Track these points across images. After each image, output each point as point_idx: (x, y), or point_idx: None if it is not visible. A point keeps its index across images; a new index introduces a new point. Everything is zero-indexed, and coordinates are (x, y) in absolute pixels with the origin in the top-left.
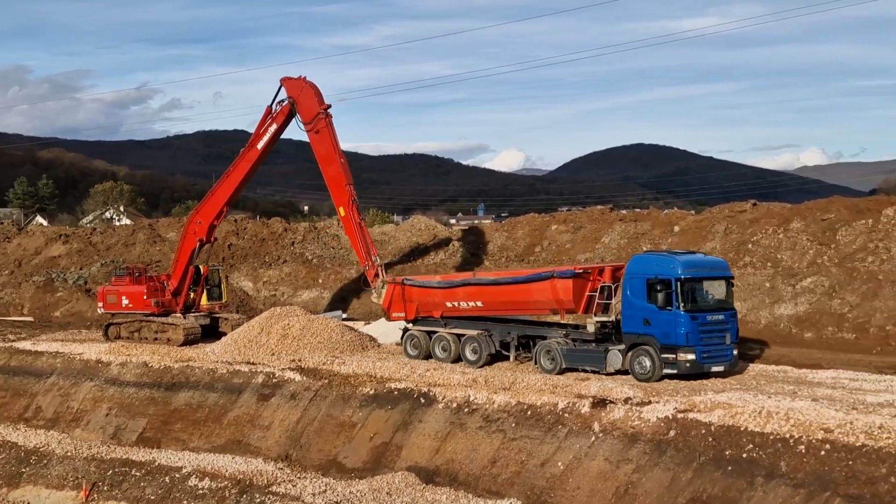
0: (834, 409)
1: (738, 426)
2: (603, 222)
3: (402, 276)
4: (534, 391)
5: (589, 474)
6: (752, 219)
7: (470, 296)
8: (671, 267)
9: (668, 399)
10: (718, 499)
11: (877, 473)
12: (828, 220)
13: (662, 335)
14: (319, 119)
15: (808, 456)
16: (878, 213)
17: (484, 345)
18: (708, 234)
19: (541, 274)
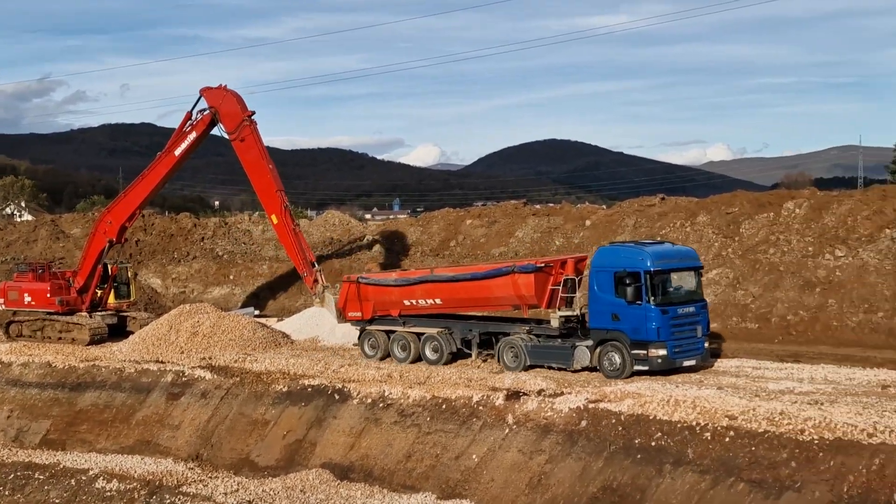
0: (738, 397)
1: (647, 415)
2: (517, 217)
3: (358, 275)
4: (449, 385)
5: (503, 466)
6: (660, 213)
7: (428, 293)
8: (640, 259)
9: (579, 390)
10: (628, 486)
11: (778, 458)
12: (732, 213)
13: (632, 330)
14: (244, 127)
15: (713, 442)
16: (779, 207)
17: (444, 343)
18: (618, 228)
19: (501, 269)
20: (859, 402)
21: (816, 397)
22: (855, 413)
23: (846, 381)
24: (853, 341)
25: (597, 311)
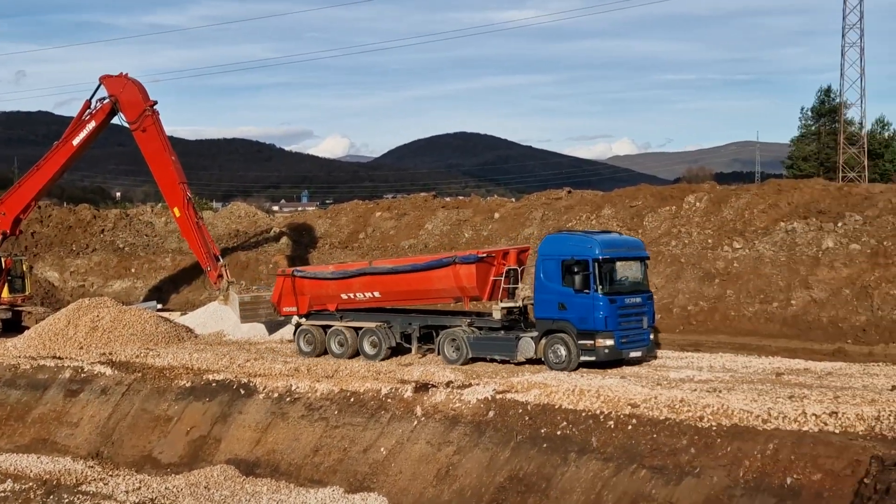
0: (640, 386)
1: (553, 404)
2: (426, 209)
3: (293, 268)
4: (357, 378)
5: (411, 458)
6: (567, 206)
7: (366, 286)
8: (588, 247)
9: (487, 381)
10: (534, 475)
11: (678, 445)
12: (636, 206)
13: (579, 320)
14: (146, 117)
15: (616, 431)
16: (680, 201)
17: (383, 338)
18: (526, 221)
19: (442, 260)
20: (755, 389)
21: (715, 385)
22: (751, 400)
23: (743, 369)
24: (750, 330)
25: (543, 300)
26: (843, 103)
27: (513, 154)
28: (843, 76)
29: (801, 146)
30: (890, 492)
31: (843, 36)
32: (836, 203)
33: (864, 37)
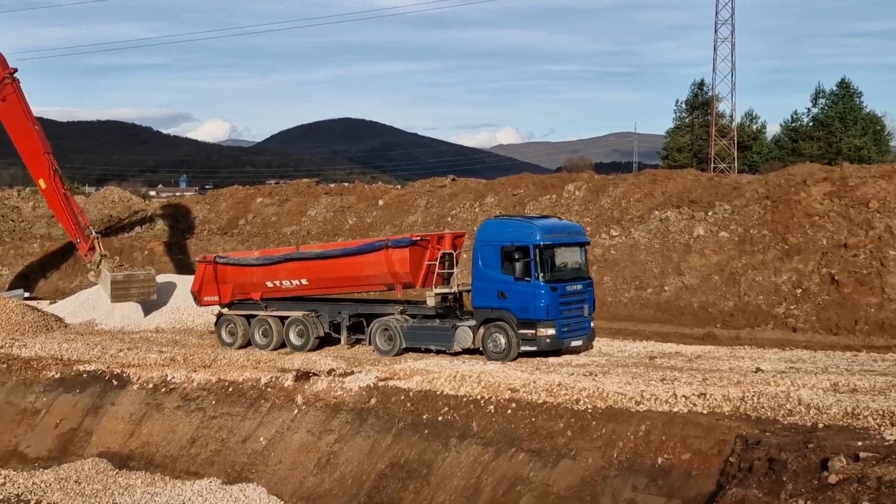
0: (520, 371)
1: (435, 391)
2: (309, 195)
3: (215, 254)
4: (236, 368)
5: (291, 447)
6: (451, 193)
7: (293, 273)
8: (529, 232)
9: (370, 368)
10: (415, 461)
11: (555, 428)
12: (518, 195)
13: (520, 309)
14: (5, 85)
15: (496, 415)
16: (560, 190)
17: (311, 327)
18: (410, 208)
19: (374, 244)
20: (629, 372)
21: (591, 369)
22: (625, 383)
23: (618, 353)
24: (626, 316)
25: (481, 288)
26: (715, 97)
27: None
28: (715, 70)
29: (676, 137)
30: (752, 469)
31: (715, 31)
32: (707, 193)
33: (736, 33)
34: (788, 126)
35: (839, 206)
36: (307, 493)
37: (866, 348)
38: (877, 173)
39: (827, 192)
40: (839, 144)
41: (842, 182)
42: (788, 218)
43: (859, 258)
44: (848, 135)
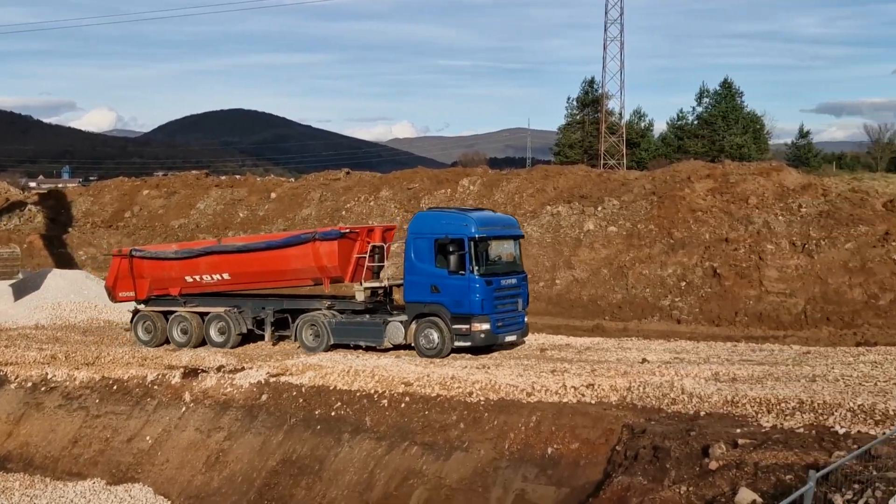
0: (414, 365)
1: (328, 386)
2: (198, 188)
3: (131, 247)
4: (120, 365)
5: (179, 446)
6: (345, 187)
7: (215, 267)
8: (464, 225)
9: (261, 364)
10: (308, 457)
11: (448, 421)
12: (413, 188)
13: (454, 303)
14: None
15: (390, 409)
16: (455, 184)
17: (233, 323)
18: (304, 201)
19: (300, 236)
20: (521, 364)
21: (484, 362)
22: (517, 375)
23: (510, 347)
24: None
25: (414, 282)
26: (605, 94)
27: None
28: (604, 69)
29: (567, 134)
30: (638, 457)
31: (605, 30)
32: (597, 188)
33: (625, 32)
34: (674, 124)
35: (721, 201)
36: (195, 492)
37: (745, 339)
38: (756, 170)
39: (710, 188)
40: (722, 142)
41: (723, 179)
42: (674, 213)
43: (739, 252)
44: (730, 133)
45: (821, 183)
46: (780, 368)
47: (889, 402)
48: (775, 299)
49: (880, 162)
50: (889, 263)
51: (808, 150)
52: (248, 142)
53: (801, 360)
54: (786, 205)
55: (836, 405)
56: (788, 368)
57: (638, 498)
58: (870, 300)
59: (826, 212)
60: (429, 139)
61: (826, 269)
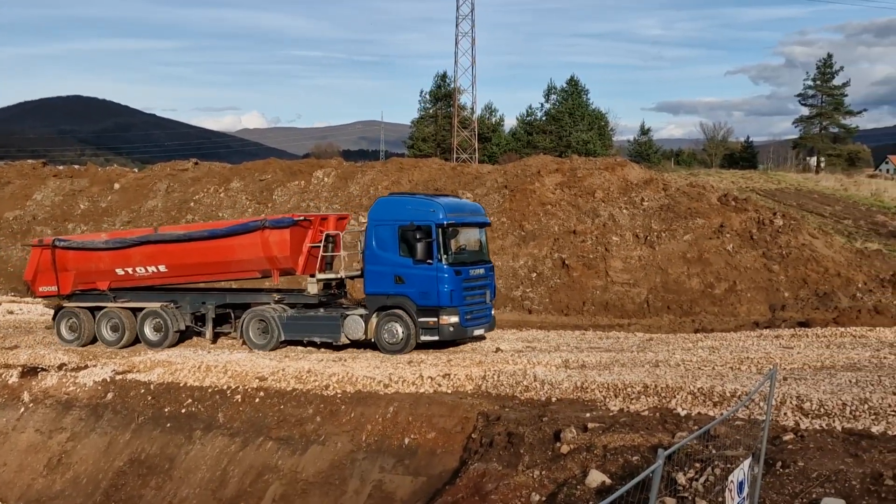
0: (269, 359)
1: (178, 382)
2: (35, 178)
3: (54, 237)
4: None
5: (18, 448)
6: (193, 178)
7: (150, 258)
8: (431, 210)
9: (106, 362)
10: (157, 456)
11: (305, 414)
12: (265, 180)
13: (420, 295)
14: None
15: (244, 405)
16: (309, 176)
17: (171, 320)
18: (150, 192)
19: (248, 224)
20: (378, 356)
21: (341, 355)
22: (374, 367)
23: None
24: None
25: (375, 273)
26: (457, 89)
27: (135, 122)
28: (456, 63)
29: (421, 127)
30: (493, 444)
31: (456, 26)
32: (451, 181)
33: (476, 28)
34: (524, 119)
35: (569, 195)
36: (36, 496)
37: (593, 327)
38: (602, 165)
39: (558, 182)
40: (569, 138)
41: (571, 173)
42: (525, 206)
43: (587, 244)
44: (576, 129)
45: (661, 178)
46: (625, 355)
47: (726, 384)
48: (620, 289)
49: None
50: (723, 254)
51: (649, 146)
52: (88, 131)
53: (644, 347)
54: (629, 198)
55: (677, 388)
56: (633, 355)
57: (493, 484)
58: (706, 289)
59: (666, 205)
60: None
61: (666, 259)
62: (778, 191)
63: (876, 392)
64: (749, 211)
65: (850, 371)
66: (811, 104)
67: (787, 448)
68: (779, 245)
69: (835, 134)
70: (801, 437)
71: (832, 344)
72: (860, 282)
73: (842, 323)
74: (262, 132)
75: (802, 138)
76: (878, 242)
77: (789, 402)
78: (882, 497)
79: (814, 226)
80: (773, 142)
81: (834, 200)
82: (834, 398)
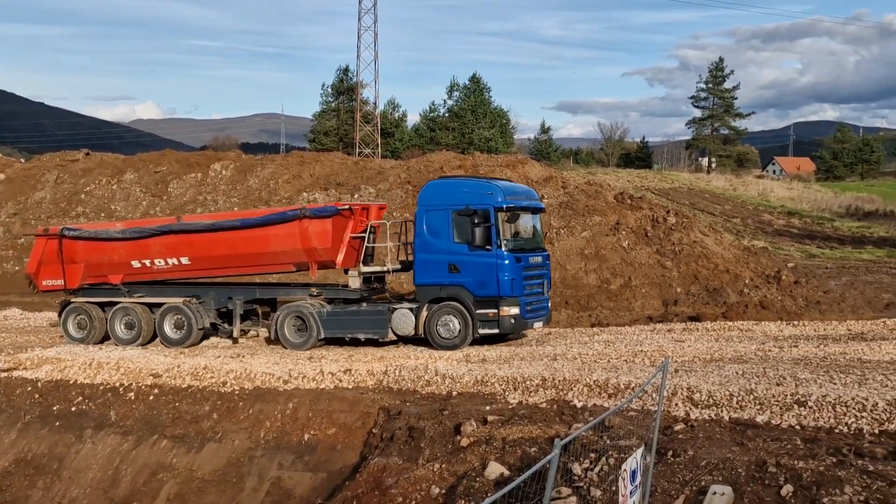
0: (164, 356)
1: (68, 380)
2: None
3: (63, 226)
4: None
5: None
6: (84, 169)
7: (171, 250)
8: (489, 193)
9: None
10: (45, 456)
11: (201, 412)
12: (160, 172)
13: (478, 284)
14: None
15: (137, 402)
16: (206, 168)
17: (194, 317)
18: (37, 184)
19: (286, 213)
20: (277, 352)
21: (239, 351)
22: (273, 363)
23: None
24: None
25: (427, 262)
26: (360, 83)
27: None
28: (359, 58)
29: (323, 121)
30: (394, 438)
31: (359, 20)
32: (353, 176)
33: (378, 23)
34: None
35: None
36: None
37: None
38: (503, 163)
39: None
40: (471, 135)
41: (473, 169)
42: None
43: None
44: (479, 126)
45: (561, 176)
46: (525, 349)
47: (620, 376)
48: None
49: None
50: (619, 251)
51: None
52: None
53: (543, 341)
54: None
55: (574, 381)
56: (532, 349)
57: (393, 478)
58: (602, 284)
59: (565, 203)
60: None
61: (565, 256)
62: (671, 190)
63: (761, 383)
64: (644, 209)
65: (737, 363)
66: (703, 106)
67: (677, 437)
68: (672, 242)
69: (725, 136)
70: (692, 427)
71: (721, 337)
72: (747, 278)
73: (730, 317)
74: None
75: (695, 139)
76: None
77: (680, 394)
78: (765, 483)
79: (705, 224)
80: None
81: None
82: (722, 389)
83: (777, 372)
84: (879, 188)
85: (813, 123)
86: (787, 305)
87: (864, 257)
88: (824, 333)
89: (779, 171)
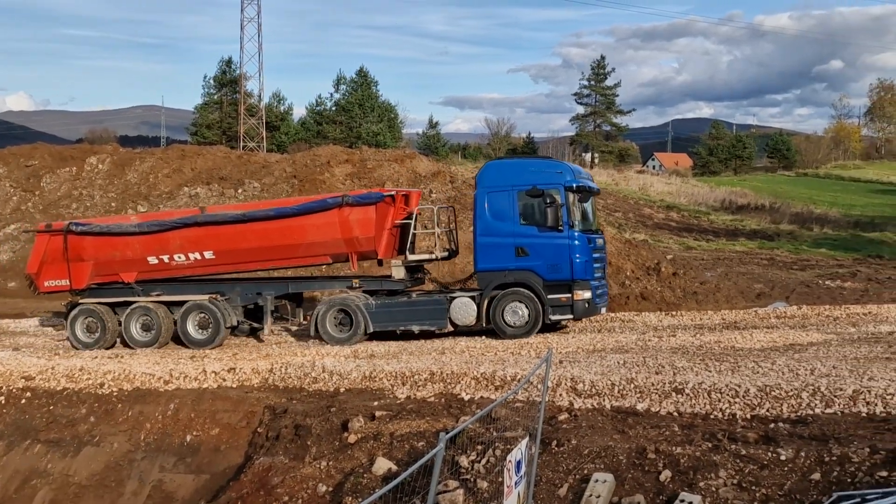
0: (37, 357)
1: None
2: None
3: (70, 220)
4: None
5: None
6: None
7: (195, 243)
8: (558, 172)
9: None
10: None
11: (77, 415)
12: (32, 166)
13: (549, 268)
14: None
15: (8, 406)
16: (82, 162)
17: (223, 314)
18: None
19: (325, 201)
20: (158, 352)
21: (118, 351)
22: (153, 363)
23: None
24: None
25: (490, 246)
26: (243, 75)
27: None
28: (242, 49)
29: (205, 114)
30: (280, 437)
31: (242, 10)
32: (237, 170)
33: (262, 14)
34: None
35: (360, 185)
36: None
37: None
38: (391, 157)
39: (349, 173)
40: (359, 129)
41: (361, 164)
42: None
43: None
44: (367, 120)
45: (449, 171)
46: (413, 343)
47: (507, 368)
48: None
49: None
50: None
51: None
52: None
53: (431, 335)
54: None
55: (462, 374)
56: (421, 343)
57: (279, 477)
58: None
59: (454, 197)
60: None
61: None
62: None
63: (641, 372)
64: None
65: (618, 353)
66: (586, 103)
67: (561, 427)
68: None
69: (607, 132)
70: (575, 417)
71: (603, 328)
72: (629, 270)
73: (612, 308)
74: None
75: (578, 135)
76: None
77: (564, 384)
78: (645, 470)
79: None
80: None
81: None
82: (604, 379)
83: (656, 361)
84: (751, 182)
85: (690, 120)
86: (666, 296)
87: (737, 249)
88: (700, 323)
89: (658, 166)
